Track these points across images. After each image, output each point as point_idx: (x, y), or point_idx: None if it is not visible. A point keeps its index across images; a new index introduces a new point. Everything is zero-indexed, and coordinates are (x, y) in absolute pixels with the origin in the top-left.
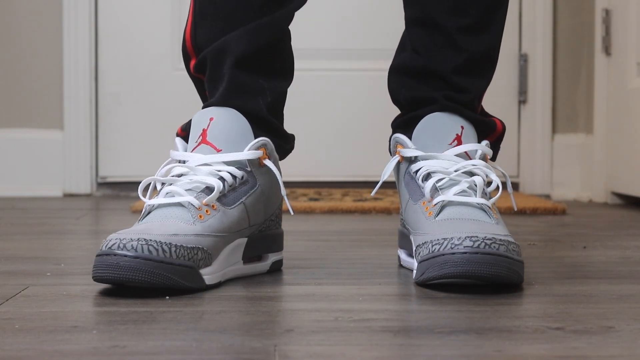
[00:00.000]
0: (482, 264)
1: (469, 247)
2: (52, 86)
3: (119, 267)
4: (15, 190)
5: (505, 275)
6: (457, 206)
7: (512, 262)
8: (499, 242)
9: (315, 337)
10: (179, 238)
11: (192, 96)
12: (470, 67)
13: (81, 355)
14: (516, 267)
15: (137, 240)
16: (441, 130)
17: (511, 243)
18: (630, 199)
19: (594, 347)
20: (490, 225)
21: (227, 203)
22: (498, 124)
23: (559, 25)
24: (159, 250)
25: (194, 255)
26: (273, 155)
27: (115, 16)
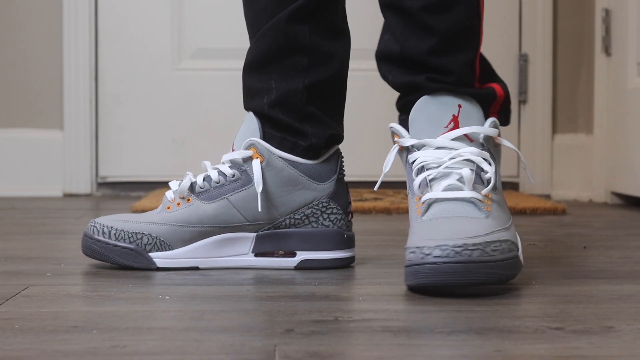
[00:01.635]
0: (452, 273)
1: (438, 257)
2: (52, 86)
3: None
4: (15, 190)
5: (480, 280)
6: (445, 202)
7: (488, 265)
8: (472, 248)
9: (315, 337)
10: (128, 225)
11: (192, 96)
12: (445, 47)
13: (81, 355)
14: (495, 269)
15: (109, 225)
16: (436, 113)
17: (492, 243)
18: (630, 199)
19: (594, 347)
20: (477, 221)
21: (205, 198)
22: (498, 90)
23: (559, 25)
24: (101, 232)
25: (137, 239)
26: (269, 155)
27: (115, 16)
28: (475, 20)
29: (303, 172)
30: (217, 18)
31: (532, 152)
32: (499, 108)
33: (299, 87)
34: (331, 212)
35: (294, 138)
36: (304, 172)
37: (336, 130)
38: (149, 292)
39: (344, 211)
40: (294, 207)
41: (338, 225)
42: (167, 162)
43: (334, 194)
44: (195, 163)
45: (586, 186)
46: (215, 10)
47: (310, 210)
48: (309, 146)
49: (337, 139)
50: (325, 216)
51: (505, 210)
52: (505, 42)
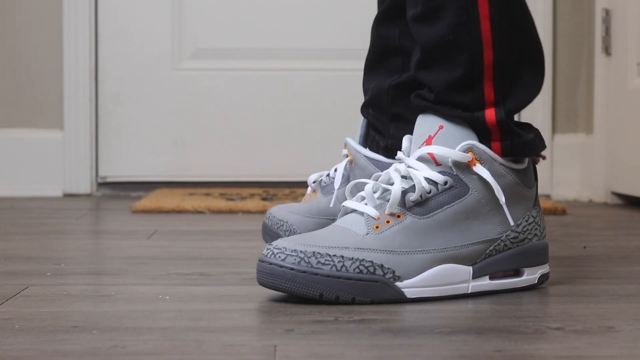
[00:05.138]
0: (261, 272)
1: (263, 255)
2: (52, 86)
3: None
4: (15, 190)
5: (277, 285)
6: (348, 214)
7: (290, 273)
8: (288, 252)
9: (315, 337)
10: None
11: (192, 96)
12: (425, 61)
13: (81, 355)
14: (299, 279)
15: None
16: (419, 132)
17: (319, 255)
18: (630, 199)
19: (594, 347)
20: (349, 235)
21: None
22: (488, 116)
23: (559, 25)
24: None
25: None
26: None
27: (115, 16)
28: (459, 36)
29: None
30: (217, 18)
31: None
32: (500, 137)
33: (385, 88)
34: (540, 221)
35: (378, 137)
36: None
37: None
38: (149, 292)
39: None
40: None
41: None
42: (167, 162)
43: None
44: (196, 163)
45: (586, 186)
46: (215, 10)
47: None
48: (385, 146)
49: None
50: (536, 226)
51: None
52: None
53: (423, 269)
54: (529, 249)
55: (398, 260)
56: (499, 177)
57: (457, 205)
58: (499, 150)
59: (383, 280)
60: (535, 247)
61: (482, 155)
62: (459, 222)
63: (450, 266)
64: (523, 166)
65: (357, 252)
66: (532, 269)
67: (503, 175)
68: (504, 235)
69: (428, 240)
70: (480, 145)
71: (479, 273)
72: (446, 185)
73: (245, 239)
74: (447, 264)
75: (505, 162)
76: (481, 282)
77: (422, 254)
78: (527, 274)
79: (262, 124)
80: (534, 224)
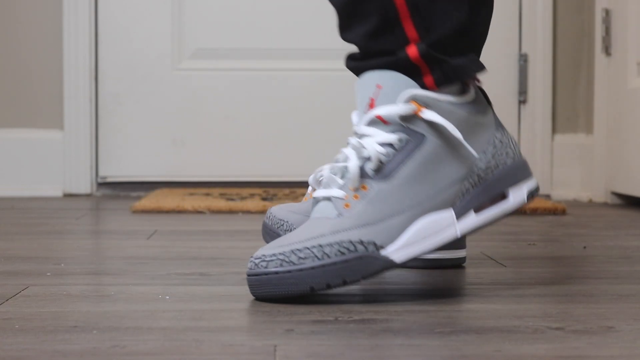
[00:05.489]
0: (251, 286)
1: (248, 270)
2: (52, 86)
3: None
4: (15, 190)
5: (269, 292)
6: (318, 202)
7: (276, 277)
8: (269, 259)
9: (315, 337)
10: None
11: (192, 96)
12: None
13: (81, 355)
14: (286, 280)
15: None
16: (359, 98)
17: (303, 250)
18: (630, 199)
19: (594, 347)
20: (323, 222)
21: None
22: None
23: (559, 25)
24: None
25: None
26: None
27: (115, 16)
28: None
29: None
30: (217, 18)
31: (532, 152)
32: (429, 69)
33: None
34: None
35: None
36: None
37: None
38: (149, 292)
39: None
40: None
41: None
42: (167, 162)
43: None
44: (196, 163)
45: (586, 186)
46: (215, 10)
47: None
48: None
49: None
50: None
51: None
52: (505, 42)
53: (402, 230)
54: (506, 171)
55: (375, 230)
56: (448, 114)
57: (417, 157)
58: (432, 83)
59: (366, 254)
60: (512, 167)
61: (426, 100)
62: (424, 173)
63: (430, 217)
64: (471, 96)
65: (333, 236)
66: (516, 187)
67: (452, 112)
68: (474, 167)
69: (399, 201)
70: (421, 90)
71: (462, 212)
72: (401, 142)
73: (245, 239)
74: (426, 216)
75: (450, 98)
76: (467, 219)
77: (397, 216)
78: (513, 195)
79: (262, 124)
80: (501, 146)
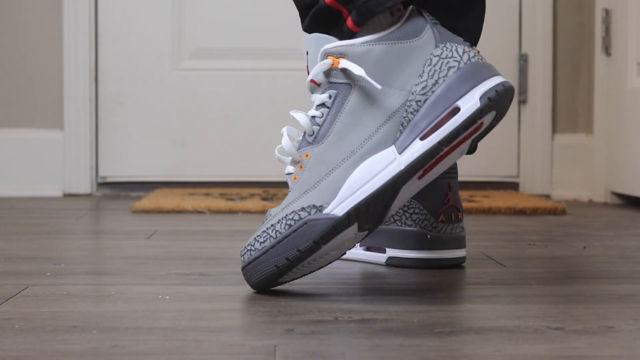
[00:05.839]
0: (245, 280)
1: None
2: (52, 86)
3: None
4: (15, 190)
5: (254, 282)
6: None
7: (250, 267)
8: (243, 252)
9: (315, 337)
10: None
11: (192, 96)
12: None
13: (81, 355)
14: (257, 267)
15: None
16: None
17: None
18: (630, 199)
19: (594, 347)
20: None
21: None
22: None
23: (559, 25)
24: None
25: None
26: None
27: (115, 16)
28: None
29: None
30: (217, 18)
31: (532, 152)
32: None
33: None
34: (413, 212)
35: None
36: None
37: None
38: (149, 292)
39: (429, 212)
40: None
41: (421, 225)
42: (167, 162)
43: (417, 194)
44: (196, 163)
45: (586, 186)
46: (215, 10)
47: None
48: None
49: None
50: (408, 215)
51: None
52: (505, 42)
53: (342, 182)
54: (450, 83)
55: (313, 194)
56: (365, 55)
57: (347, 106)
58: (353, 25)
59: (309, 218)
60: (457, 77)
61: (339, 50)
62: (354, 120)
63: (367, 161)
64: (395, 25)
65: (281, 212)
66: (465, 98)
67: (368, 51)
68: (410, 94)
69: (334, 157)
70: (331, 44)
71: (404, 143)
72: (331, 99)
73: (245, 239)
74: (364, 162)
75: (366, 38)
76: (412, 149)
77: (333, 172)
78: (463, 106)
79: (262, 124)
80: (440, 60)
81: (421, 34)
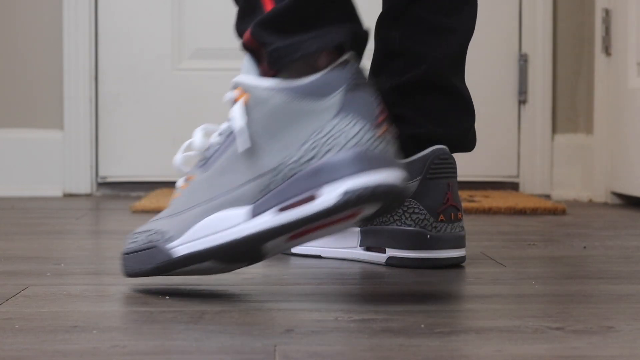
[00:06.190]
0: None
1: None
2: (52, 86)
3: None
4: (15, 190)
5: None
6: None
7: (121, 260)
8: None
9: (315, 337)
10: None
11: (192, 96)
12: None
13: (81, 355)
14: (122, 263)
15: None
16: None
17: (130, 237)
18: (630, 199)
19: (594, 347)
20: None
21: None
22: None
23: (559, 25)
24: None
25: None
26: None
27: (115, 16)
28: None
29: None
30: (217, 18)
31: (532, 152)
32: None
33: (386, 89)
34: (413, 212)
35: None
36: None
37: (421, 130)
38: (149, 292)
39: (429, 212)
40: None
41: (421, 225)
42: (167, 162)
43: (416, 194)
44: None
45: (586, 186)
46: (215, 10)
47: None
48: None
49: (422, 139)
50: (407, 215)
51: (195, 193)
52: (505, 42)
53: (192, 224)
54: (323, 165)
55: (173, 221)
56: (265, 101)
57: (230, 147)
58: (267, 68)
59: (157, 245)
60: (335, 160)
61: (245, 85)
62: (234, 164)
63: (220, 214)
64: (311, 75)
65: (149, 223)
66: (327, 188)
67: (267, 99)
68: (281, 163)
69: (201, 193)
70: (244, 76)
71: (260, 209)
72: (225, 132)
73: None
74: (219, 211)
75: (272, 83)
76: (262, 219)
77: (191, 210)
78: (320, 196)
79: None
80: (329, 134)
81: (329, 97)
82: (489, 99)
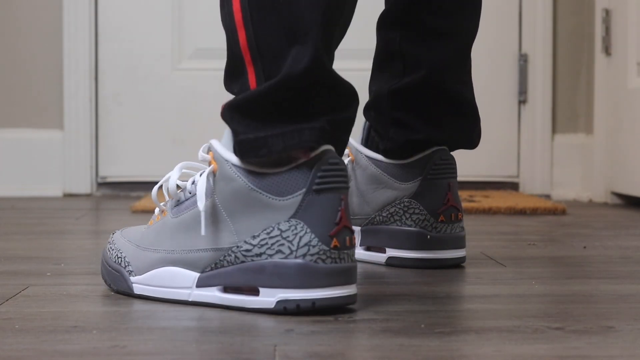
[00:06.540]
0: None
1: None
2: (52, 86)
3: None
4: (15, 190)
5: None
6: None
7: (105, 269)
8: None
9: (315, 337)
10: None
11: (192, 96)
12: None
13: (81, 355)
14: (106, 276)
15: None
16: None
17: (109, 251)
18: (630, 199)
19: (594, 347)
20: (137, 229)
21: None
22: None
23: (559, 25)
24: None
25: None
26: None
27: (115, 16)
28: (224, 19)
29: (385, 171)
30: (217, 18)
31: (532, 152)
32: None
33: (385, 92)
34: (413, 212)
35: (378, 139)
36: (385, 171)
37: (420, 136)
38: None
39: (429, 212)
40: (380, 204)
41: (421, 225)
42: (167, 162)
43: (417, 194)
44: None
45: (586, 186)
46: (216, 10)
47: (394, 208)
48: (384, 149)
49: (421, 142)
50: (408, 215)
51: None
52: (505, 42)
53: (151, 268)
54: (264, 266)
55: (137, 255)
56: (227, 180)
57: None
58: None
59: (122, 272)
60: (274, 265)
61: (218, 156)
62: (192, 225)
63: (174, 269)
64: (276, 169)
65: (120, 241)
66: (271, 290)
67: (232, 180)
68: (235, 246)
69: (163, 240)
70: (218, 145)
71: (206, 282)
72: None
73: None
74: (174, 266)
75: (242, 164)
76: (207, 292)
77: (153, 253)
78: (263, 295)
79: None
80: (279, 238)
81: (287, 197)
82: (489, 99)
